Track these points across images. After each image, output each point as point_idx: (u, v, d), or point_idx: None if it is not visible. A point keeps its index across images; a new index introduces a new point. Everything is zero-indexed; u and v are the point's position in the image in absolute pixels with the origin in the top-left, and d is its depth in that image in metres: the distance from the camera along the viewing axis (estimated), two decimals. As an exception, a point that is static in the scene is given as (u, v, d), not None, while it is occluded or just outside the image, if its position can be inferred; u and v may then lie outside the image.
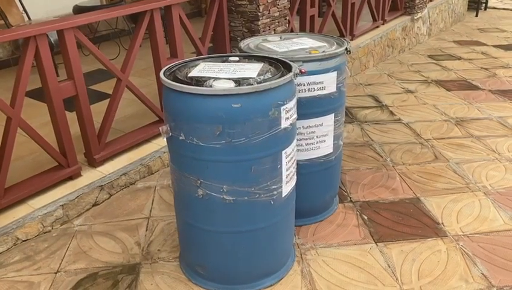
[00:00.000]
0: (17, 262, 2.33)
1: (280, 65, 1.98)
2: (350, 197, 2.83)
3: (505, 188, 2.89)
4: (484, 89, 4.68)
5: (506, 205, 2.72)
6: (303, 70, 2.02)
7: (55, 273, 2.25)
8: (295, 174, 2.09)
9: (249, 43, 2.49)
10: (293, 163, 2.02)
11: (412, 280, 2.16)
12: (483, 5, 8.90)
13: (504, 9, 9.10)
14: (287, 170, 1.96)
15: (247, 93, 1.73)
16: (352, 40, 5.10)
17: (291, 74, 1.85)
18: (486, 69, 5.36)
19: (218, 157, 1.81)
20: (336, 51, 2.26)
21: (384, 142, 3.54)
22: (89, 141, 2.78)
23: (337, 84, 2.29)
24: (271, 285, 2.13)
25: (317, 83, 2.24)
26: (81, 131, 2.79)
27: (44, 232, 2.53)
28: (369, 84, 4.89)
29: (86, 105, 2.73)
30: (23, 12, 4.85)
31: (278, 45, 2.42)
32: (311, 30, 4.37)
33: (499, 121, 3.90)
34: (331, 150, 2.46)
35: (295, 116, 1.94)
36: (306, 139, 2.35)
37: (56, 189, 2.64)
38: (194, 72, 1.92)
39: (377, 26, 5.61)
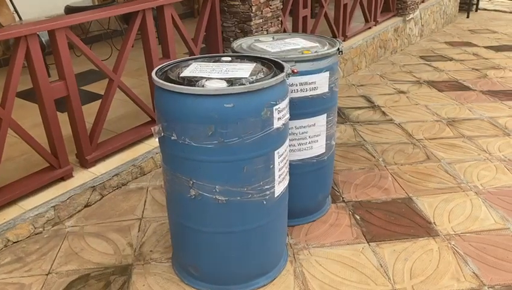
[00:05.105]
0: (7, 264, 2.30)
1: (272, 65, 1.99)
2: (343, 197, 2.84)
3: (496, 188, 2.91)
4: (475, 90, 4.71)
5: (497, 204, 2.74)
6: (295, 71, 2.03)
7: (47, 274, 2.23)
8: (288, 174, 2.09)
9: (242, 44, 2.49)
10: (285, 163, 2.03)
11: (404, 279, 2.17)
12: (474, 6, 8.96)
13: (495, 10, 9.18)
14: (279, 170, 1.97)
15: (239, 93, 1.73)
16: (344, 41, 5.12)
17: (283, 74, 1.86)
18: (477, 70, 5.40)
19: (211, 157, 1.80)
20: (328, 51, 2.26)
21: (376, 143, 3.55)
22: (81, 141, 2.77)
23: (329, 85, 2.30)
24: (264, 285, 2.13)
25: (310, 83, 2.24)
26: (72, 132, 2.78)
27: (36, 234, 2.51)
28: (362, 85, 4.91)
29: (78, 106, 2.71)
30: (14, 12, 4.81)
31: (270, 45, 2.43)
32: (304, 31, 4.38)
33: (489, 121, 3.93)
34: (324, 150, 2.46)
35: (287, 116, 1.95)
36: (298, 139, 2.36)
37: (47, 190, 2.62)
38: (186, 72, 1.92)
39: (369, 27, 5.64)
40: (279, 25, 3.84)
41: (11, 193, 2.48)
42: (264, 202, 1.95)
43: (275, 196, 2.00)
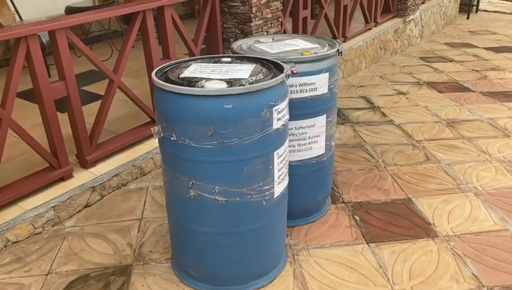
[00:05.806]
0: (7, 264, 2.31)
1: (272, 66, 1.99)
2: (342, 198, 2.84)
3: (496, 189, 2.91)
4: (475, 91, 4.71)
5: (496, 205, 2.74)
6: (295, 72, 2.03)
7: (46, 275, 2.23)
8: (287, 175, 2.10)
9: (242, 44, 2.49)
10: (285, 164, 2.03)
11: (404, 280, 2.17)
12: (475, 7, 8.97)
13: (495, 11, 9.19)
14: (279, 171, 1.97)
15: (239, 94, 1.73)
16: (344, 42, 5.12)
17: (283, 74, 1.86)
18: (477, 71, 5.40)
19: (210, 158, 1.81)
20: (328, 52, 2.27)
21: (376, 143, 3.56)
22: (81, 142, 2.77)
23: (329, 86, 2.30)
24: (263, 286, 2.13)
25: (309, 84, 2.24)
26: (72, 132, 2.78)
27: (35, 234, 2.52)
28: (362, 86, 4.92)
29: (78, 106, 2.71)
30: (15, 12, 4.82)
31: (270, 46, 2.43)
32: (304, 32, 4.38)
33: (489, 122, 3.93)
34: (323, 151, 2.46)
35: (287, 117, 1.95)
36: (298, 140, 2.36)
37: (47, 190, 2.63)
38: (186, 73, 1.92)
39: (369, 28, 5.64)
40: (279, 26, 3.84)
41: (10, 193, 2.48)
42: (264, 203, 1.95)
43: (275, 196, 2.00)
